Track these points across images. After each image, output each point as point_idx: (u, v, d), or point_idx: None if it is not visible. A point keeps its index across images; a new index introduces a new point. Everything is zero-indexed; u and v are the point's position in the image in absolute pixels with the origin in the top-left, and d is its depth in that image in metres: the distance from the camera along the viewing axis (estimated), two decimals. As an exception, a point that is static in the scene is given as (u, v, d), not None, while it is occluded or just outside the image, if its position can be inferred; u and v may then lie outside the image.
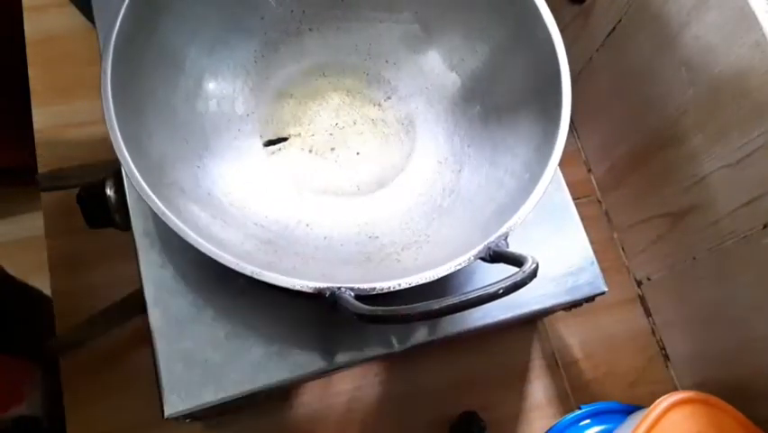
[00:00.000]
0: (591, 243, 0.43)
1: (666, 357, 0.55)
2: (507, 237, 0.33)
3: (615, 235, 0.59)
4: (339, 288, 0.30)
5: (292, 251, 0.38)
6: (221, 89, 0.42)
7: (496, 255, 0.32)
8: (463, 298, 0.27)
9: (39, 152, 0.55)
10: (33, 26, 0.59)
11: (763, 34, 0.36)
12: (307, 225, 0.40)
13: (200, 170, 0.39)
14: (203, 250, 0.31)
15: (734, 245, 0.44)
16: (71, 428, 0.47)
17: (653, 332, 0.56)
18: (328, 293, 0.30)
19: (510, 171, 0.39)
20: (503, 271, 0.29)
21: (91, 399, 0.48)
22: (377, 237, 0.40)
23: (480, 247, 0.33)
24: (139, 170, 0.32)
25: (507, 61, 0.42)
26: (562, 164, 0.37)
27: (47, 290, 0.50)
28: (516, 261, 0.30)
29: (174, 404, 0.36)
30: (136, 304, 0.42)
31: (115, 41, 0.35)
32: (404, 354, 0.40)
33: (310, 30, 0.45)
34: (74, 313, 0.48)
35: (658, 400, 0.39)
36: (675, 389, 0.54)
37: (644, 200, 0.54)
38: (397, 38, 0.45)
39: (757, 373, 0.45)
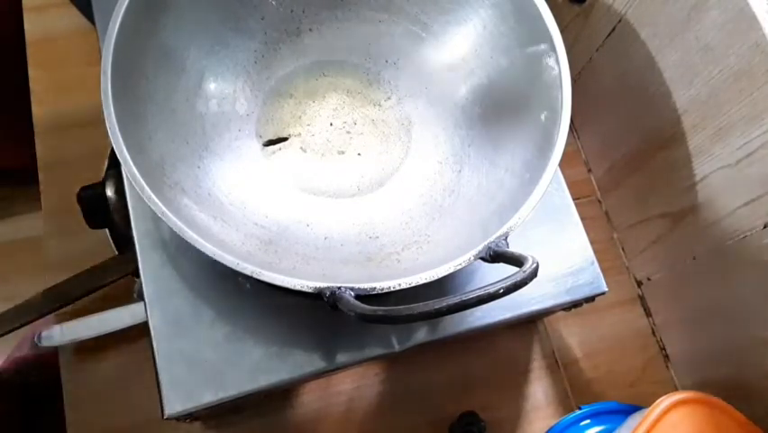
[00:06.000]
0: (591, 243, 0.43)
1: (666, 357, 0.55)
2: (507, 237, 0.33)
3: (615, 235, 0.59)
4: (339, 288, 0.30)
5: (292, 251, 0.38)
6: (221, 90, 0.42)
7: (496, 255, 0.32)
8: (463, 298, 0.27)
9: (39, 152, 0.55)
10: (33, 26, 0.59)
11: (763, 34, 0.36)
12: (307, 226, 0.40)
13: (200, 170, 0.39)
14: (203, 250, 0.31)
15: (734, 245, 0.44)
16: (71, 428, 0.47)
17: (654, 332, 0.56)
18: (328, 293, 0.30)
19: (510, 171, 0.39)
20: (503, 271, 0.29)
21: (91, 398, 0.48)
22: (377, 237, 0.40)
23: (481, 247, 0.33)
24: (139, 171, 0.32)
25: (507, 61, 0.42)
26: (562, 164, 0.37)
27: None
28: (517, 261, 0.30)
29: (174, 404, 0.36)
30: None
31: (115, 42, 0.35)
32: (404, 354, 0.40)
33: (310, 30, 0.45)
34: (73, 313, 0.48)
35: (658, 400, 0.39)
36: (675, 389, 0.54)
37: (644, 200, 0.54)
38: (397, 38, 0.45)
39: (757, 373, 0.45)
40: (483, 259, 0.33)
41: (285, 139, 0.43)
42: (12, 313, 0.46)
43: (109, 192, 0.44)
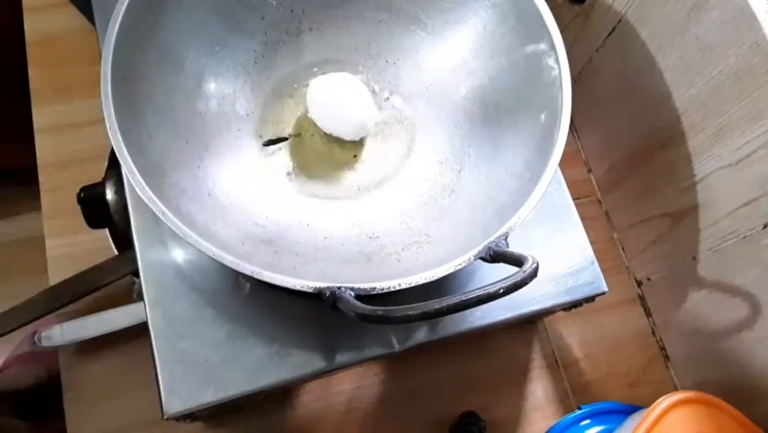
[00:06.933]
0: (591, 243, 0.43)
1: (666, 357, 0.55)
2: (507, 237, 0.33)
3: (615, 235, 0.59)
4: (339, 288, 0.30)
5: (292, 251, 0.38)
6: (221, 90, 0.42)
7: (496, 255, 0.32)
8: (463, 298, 0.27)
9: (39, 152, 0.56)
10: (33, 26, 0.59)
11: (763, 34, 0.36)
12: (307, 226, 0.40)
13: (200, 170, 0.39)
14: (203, 250, 0.31)
15: (734, 245, 0.44)
16: (71, 428, 0.47)
17: (653, 332, 0.56)
18: (328, 293, 0.30)
19: (511, 171, 0.39)
20: (503, 271, 0.29)
21: (91, 398, 0.48)
22: (377, 237, 0.40)
23: (481, 247, 0.33)
24: (139, 171, 0.32)
25: (507, 61, 0.42)
26: (562, 164, 0.37)
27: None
28: (517, 261, 0.30)
29: (174, 404, 0.36)
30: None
31: (115, 42, 0.34)
32: (404, 354, 0.40)
33: (310, 30, 0.45)
34: (73, 313, 0.48)
35: (658, 400, 0.39)
36: (675, 389, 0.54)
37: (644, 200, 0.54)
38: (397, 38, 0.45)
39: (757, 373, 0.45)
40: (483, 259, 0.33)
41: (285, 139, 0.43)
42: (12, 313, 0.46)
43: (109, 192, 0.44)
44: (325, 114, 0.42)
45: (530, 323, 0.54)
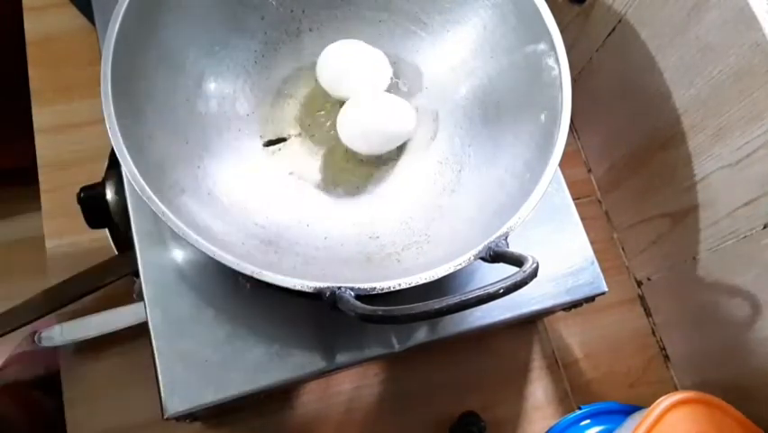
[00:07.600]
0: (591, 243, 0.43)
1: (666, 357, 0.55)
2: (507, 237, 0.33)
3: (615, 235, 0.59)
4: (339, 288, 0.30)
5: (292, 251, 0.38)
6: (221, 90, 0.42)
7: (496, 255, 0.32)
8: (463, 298, 0.27)
9: (39, 152, 0.56)
10: (33, 26, 0.59)
11: (763, 34, 0.36)
12: (307, 225, 0.40)
13: (200, 170, 0.39)
14: (203, 250, 0.31)
15: (734, 245, 0.44)
16: (71, 427, 0.47)
17: (653, 332, 0.56)
18: (328, 293, 0.30)
19: (510, 171, 0.39)
20: (503, 272, 0.29)
21: (91, 398, 0.48)
22: (377, 237, 0.40)
23: (481, 247, 0.33)
24: (139, 171, 0.32)
25: (507, 61, 0.42)
26: (562, 164, 0.37)
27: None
28: (517, 261, 0.30)
29: (174, 404, 0.36)
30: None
31: (115, 42, 0.35)
32: (404, 354, 0.40)
33: (310, 30, 0.45)
34: (73, 313, 0.48)
35: (658, 400, 0.39)
36: (675, 389, 0.54)
37: (644, 200, 0.54)
38: (396, 38, 0.45)
39: (757, 373, 0.45)
40: (483, 259, 0.33)
41: (285, 139, 0.43)
42: (12, 313, 0.46)
43: (109, 192, 0.44)
44: (362, 136, 0.42)
45: (530, 323, 0.54)
